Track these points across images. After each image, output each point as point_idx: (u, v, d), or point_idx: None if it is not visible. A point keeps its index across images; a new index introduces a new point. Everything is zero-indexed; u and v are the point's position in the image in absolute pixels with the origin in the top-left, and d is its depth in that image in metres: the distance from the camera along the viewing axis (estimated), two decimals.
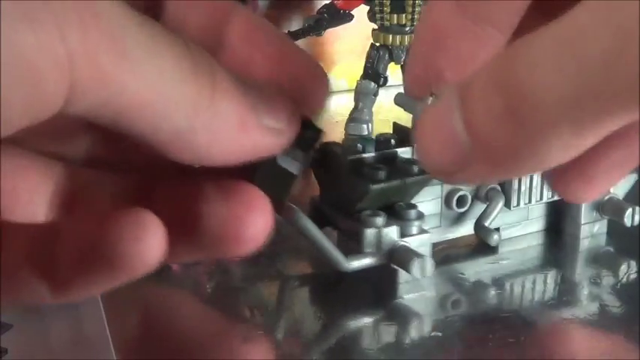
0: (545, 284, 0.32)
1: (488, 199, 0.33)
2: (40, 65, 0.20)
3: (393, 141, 0.30)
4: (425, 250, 0.29)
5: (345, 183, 0.28)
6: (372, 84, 0.50)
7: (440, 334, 0.28)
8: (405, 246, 0.29)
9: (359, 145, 0.29)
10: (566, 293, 0.31)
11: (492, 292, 0.31)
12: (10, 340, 0.26)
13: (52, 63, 0.21)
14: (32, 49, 0.20)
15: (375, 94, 0.50)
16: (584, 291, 0.31)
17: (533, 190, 0.34)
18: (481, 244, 0.33)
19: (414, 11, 0.49)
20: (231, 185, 0.28)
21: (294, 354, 0.27)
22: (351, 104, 0.51)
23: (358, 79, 0.51)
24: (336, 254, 0.27)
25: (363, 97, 0.50)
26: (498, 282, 0.32)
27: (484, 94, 0.23)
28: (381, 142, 0.30)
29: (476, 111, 0.23)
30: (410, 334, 0.28)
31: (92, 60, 0.21)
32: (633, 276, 0.33)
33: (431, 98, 0.29)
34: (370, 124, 0.50)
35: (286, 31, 0.53)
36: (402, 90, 0.30)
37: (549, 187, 0.30)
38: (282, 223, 0.29)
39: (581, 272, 0.33)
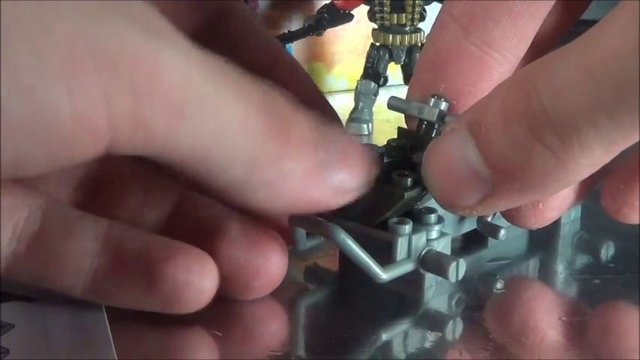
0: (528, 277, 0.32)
1: None
2: (71, 132, 0.19)
3: (406, 146, 0.29)
4: (447, 252, 0.30)
5: (373, 192, 0.28)
6: (372, 84, 0.50)
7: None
8: (434, 251, 0.29)
9: (379, 154, 0.28)
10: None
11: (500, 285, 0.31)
12: (11, 340, 0.26)
13: (86, 130, 0.19)
14: (65, 116, 0.19)
15: (376, 94, 0.51)
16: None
17: None
18: (468, 239, 0.33)
19: (414, 11, 0.49)
20: (251, 225, 0.27)
21: None
22: (351, 104, 0.51)
23: (358, 79, 0.51)
24: (375, 267, 0.27)
25: (363, 97, 0.50)
26: (506, 276, 0.32)
27: (502, 125, 0.23)
28: (394, 147, 0.29)
29: (494, 142, 0.23)
30: (451, 336, 0.28)
31: (140, 123, 0.20)
32: (612, 254, 0.34)
33: (432, 100, 0.29)
34: (370, 124, 0.50)
35: (286, 31, 0.53)
36: (402, 89, 0.30)
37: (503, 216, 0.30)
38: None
39: (571, 257, 0.34)
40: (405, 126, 0.31)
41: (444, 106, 0.28)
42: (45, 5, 0.19)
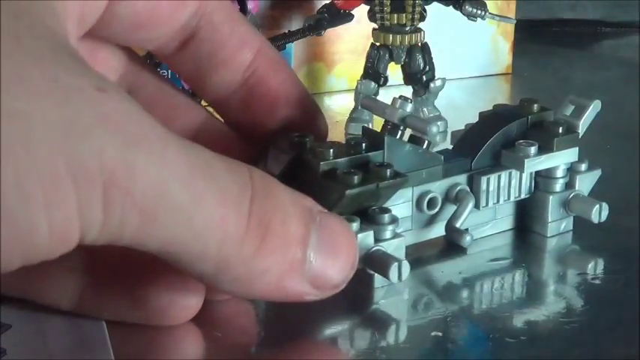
0: (515, 284, 0.32)
1: (458, 200, 0.33)
2: (46, 245, 0.20)
3: (363, 145, 0.29)
4: (400, 254, 0.29)
5: (319, 189, 0.27)
6: (372, 84, 0.50)
7: (439, 334, 0.28)
8: (381, 250, 0.29)
9: (331, 150, 0.29)
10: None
11: (467, 293, 0.31)
12: (9, 340, 0.26)
13: (59, 241, 0.20)
14: (42, 234, 0.20)
15: (376, 94, 0.50)
16: (553, 289, 0.31)
17: (501, 189, 0.34)
18: (450, 245, 0.33)
19: (414, 11, 0.49)
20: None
21: None
22: (351, 104, 0.51)
23: (358, 79, 0.51)
24: None
25: (364, 97, 0.50)
26: (471, 283, 0.32)
27: None
28: (352, 146, 0.29)
29: None
30: (394, 339, 0.28)
31: (107, 230, 0.21)
32: (600, 273, 0.33)
33: (399, 101, 0.29)
34: (370, 124, 0.50)
35: (286, 31, 0.53)
36: (402, 89, 0.30)
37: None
38: None
39: (549, 271, 0.33)
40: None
41: (409, 107, 0.28)
42: (31, 124, 0.19)
